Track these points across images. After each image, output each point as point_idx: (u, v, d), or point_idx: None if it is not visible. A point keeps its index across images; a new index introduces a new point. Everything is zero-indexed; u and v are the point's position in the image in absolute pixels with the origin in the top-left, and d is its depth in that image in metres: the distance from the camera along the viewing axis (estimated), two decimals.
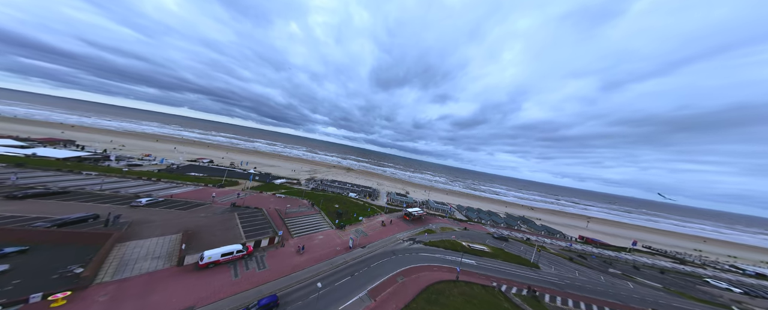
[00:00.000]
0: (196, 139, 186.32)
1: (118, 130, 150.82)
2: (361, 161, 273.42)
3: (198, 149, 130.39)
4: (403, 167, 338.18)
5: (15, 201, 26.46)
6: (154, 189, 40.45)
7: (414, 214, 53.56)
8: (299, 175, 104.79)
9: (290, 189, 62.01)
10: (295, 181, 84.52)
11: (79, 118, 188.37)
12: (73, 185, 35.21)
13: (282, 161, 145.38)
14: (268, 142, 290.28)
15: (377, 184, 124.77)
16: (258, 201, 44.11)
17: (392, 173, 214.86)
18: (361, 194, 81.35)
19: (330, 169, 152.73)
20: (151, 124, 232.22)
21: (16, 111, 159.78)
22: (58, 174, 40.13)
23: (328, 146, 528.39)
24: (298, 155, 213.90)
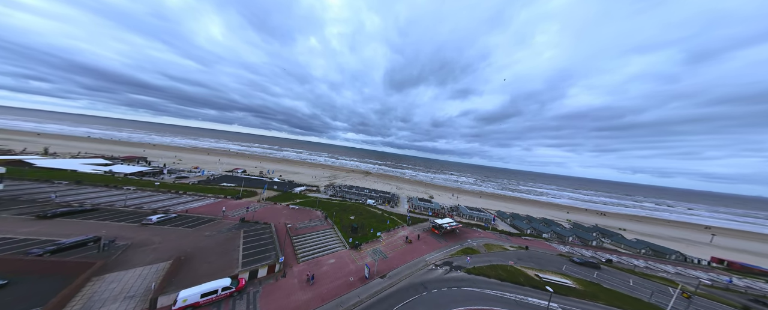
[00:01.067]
0: (238, 151, 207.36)
1: (183, 147, 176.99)
2: (378, 164, 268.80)
3: (237, 160, 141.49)
4: (424, 167, 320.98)
5: (42, 220, 26.71)
6: (175, 203, 40.20)
7: (445, 227, 42.60)
8: (319, 181, 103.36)
9: (306, 198, 58.74)
10: (315, 188, 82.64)
11: (161, 138, 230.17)
12: (106, 202, 36.16)
13: (305, 168, 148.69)
14: (296, 150, 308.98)
15: (396, 188, 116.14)
16: (270, 214, 41.04)
17: (412, 175, 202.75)
18: (379, 201, 74.19)
19: (349, 173, 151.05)
20: (208, 140, 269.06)
21: (121, 135, 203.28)
22: (102, 190, 42.46)
23: (347, 151, 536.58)
24: (321, 161, 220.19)
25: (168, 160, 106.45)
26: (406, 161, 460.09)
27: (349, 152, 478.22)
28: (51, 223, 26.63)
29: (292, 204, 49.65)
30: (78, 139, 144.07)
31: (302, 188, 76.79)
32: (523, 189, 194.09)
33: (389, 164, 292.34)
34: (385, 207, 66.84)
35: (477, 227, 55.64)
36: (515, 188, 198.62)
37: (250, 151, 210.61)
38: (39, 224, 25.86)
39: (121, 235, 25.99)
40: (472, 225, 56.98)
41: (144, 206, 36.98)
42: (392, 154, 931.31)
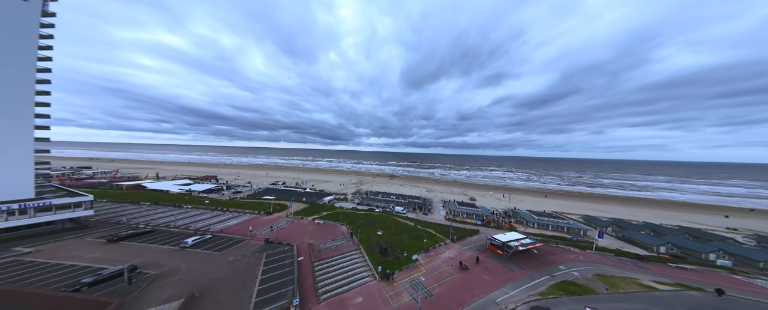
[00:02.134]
0: (282, 164, 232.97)
1: (244, 164, 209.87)
2: (403, 166, 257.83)
3: (280, 173, 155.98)
4: (455, 165, 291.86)
5: (109, 245, 29.23)
6: (217, 221, 41.82)
7: (514, 246, 28.92)
8: (347, 188, 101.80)
9: (332, 210, 55.91)
10: (343, 196, 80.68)
11: (230, 158, 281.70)
12: (165, 222, 39.79)
13: (334, 176, 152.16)
14: (327, 159, 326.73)
15: (427, 190, 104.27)
16: (295, 231, 38.76)
17: (442, 174, 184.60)
18: (408, 208, 65.65)
19: (374, 178, 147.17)
20: (261, 157, 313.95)
21: (205, 158, 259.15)
22: (169, 209, 47.72)
23: (371, 156, 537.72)
24: (348, 167, 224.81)
25: (230, 177, 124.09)
26: (432, 159, 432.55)
27: (372, 157, 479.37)
28: (114, 247, 29.18)
29: (318, 218, 47.16)
30: (182, 164, 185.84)
31: (331, 197, 75.44)
32: (610, 183, 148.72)
33: (415, 165, 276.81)
34: (416, 215, 58.03)
35: (560, 242, 38.29)
36: (594, 182, 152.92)
37: (291, 164, 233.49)
38: (104, 249, 28.49)
39: (158, 261, 26.39)
40: (553, 239, 40.12)
41: (192, 225, 39.35)
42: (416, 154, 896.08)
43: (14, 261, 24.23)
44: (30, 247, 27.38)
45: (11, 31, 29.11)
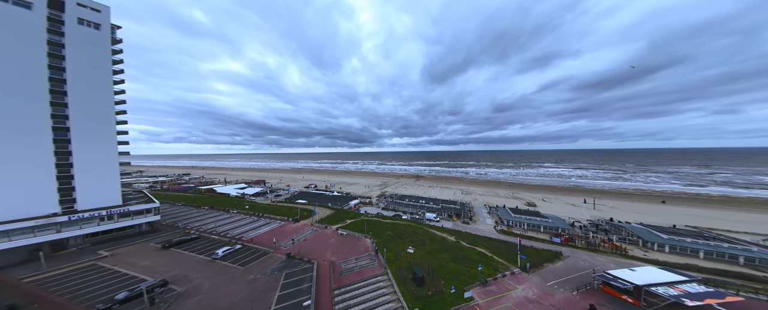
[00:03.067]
0: (315, 168, 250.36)
1: (286, 169, 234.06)
2: (429, 165, 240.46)
3: (313, 176, 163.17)
4: (494, 162, 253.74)
5: (161, 251, 31.60)
6: (252, 228, 42.73)
7: (668, 296, 15.76)
8: (372, 191, 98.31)
9: (356, 217, 52.39)
10: (368, 199, 77.46)
11: (275, 163, 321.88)
12: (211, 227, 42.68)
13: (360, 178, 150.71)
14: (353, 161, 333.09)
15: (463, 193, 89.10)
16: (318, 243, 36.17)
17: (479, 173, 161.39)
18: (442, 214, 55.17)
19: (398, 179, 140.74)
20: (300, 162, 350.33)
21: (259, 164, 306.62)
22: (219, 214, 51.83)
23: (394, 156, 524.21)
24: (372, 169, 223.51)
25: (275, 180, 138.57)
26: (464, 157, 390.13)
27: (395, 157, 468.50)
28: (164, 254, 31.37)
29: (342, 228, 44.15)
30: (244, 170, 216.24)
31: (356, 201, 72.70)
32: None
33: (443, 164, 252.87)
34: (454, 224, 48.09)
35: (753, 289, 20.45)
36: (752, 181, 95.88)
37: (323, 167, 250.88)
38: (156, 256, 30.76)
39: (188, 275, 26.59)
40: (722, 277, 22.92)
41: (231, 231, 41.11)
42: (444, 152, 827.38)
43: (90, 266, 28.06)
44: (108, 250, 32.16)
45: (90, 57, 34.43)
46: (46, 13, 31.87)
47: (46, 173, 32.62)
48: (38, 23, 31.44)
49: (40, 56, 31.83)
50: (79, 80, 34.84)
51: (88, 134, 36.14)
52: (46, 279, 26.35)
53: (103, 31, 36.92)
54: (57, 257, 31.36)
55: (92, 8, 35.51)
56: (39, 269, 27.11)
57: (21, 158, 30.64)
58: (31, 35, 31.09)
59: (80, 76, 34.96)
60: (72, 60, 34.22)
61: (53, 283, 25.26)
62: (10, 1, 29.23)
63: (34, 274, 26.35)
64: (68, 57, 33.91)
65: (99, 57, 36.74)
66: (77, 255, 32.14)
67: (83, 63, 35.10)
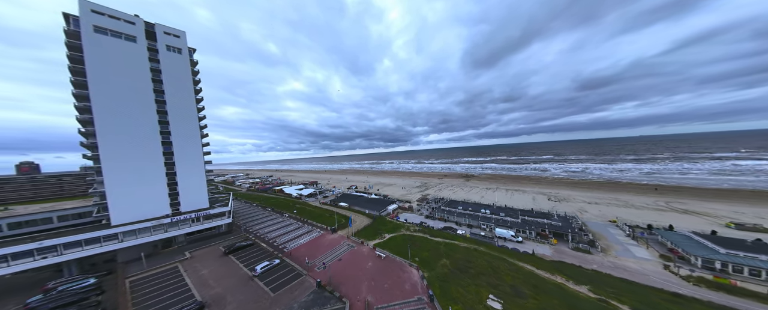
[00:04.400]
0: (356, 168, 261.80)
1: (334, 170, 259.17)
2: (481, 162, 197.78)
3: (354, 177, 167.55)
4: (590, 155, 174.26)
5: (222, 258, 33.01)
6: (293, 237, 41.49)
7: None
8: (410, 193, 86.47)
9: (396, 230, 43.56)
10: (407, 204, 67.15)
11: (326, 166, 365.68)
12: (267, 231, 44.49)
13: (397, 178, 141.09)
14: (389, 161, 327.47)
15: (551, 198, 61.45)
16: (352, 266, 30.00)
17: (568, 171, 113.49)
18: (524, 231, 37.66)
19: (441, 180, 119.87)
20: (344, 164, 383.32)
21: (314, 167, 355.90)
22: (275, 218, 54.08)
23: (432, 154, 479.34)
24: (408, 168, 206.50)
25: (324, 181, 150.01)
26: (530, 150, 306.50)
27: (434, 155, 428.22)
28: (222, 262, 32.40)
29: (380, 246, 36.03)
30: (304, 172, 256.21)
31: (394, 205, 64.05)
32: None
33: (501, 160, 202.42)
34: (555, 252, 31.22)
35: None
36: None
37: (363, 168, 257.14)
38: (216, 263, 32.09)
39: (225, 297, 25.08)
40: None
41: (277, 239, 41.06)
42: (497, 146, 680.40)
43: (170, 270, 31.30)
44: (191, 251, 36.56)
45: (178, 79, 39.22)
46: (146, 44, 36.71)
47: (161, 180, 37.73)
48: (142, 53, 36.54)
49: (148, 81, 36.94)
50: (173, 100, 39.31)
51: (183, 147, 40.68)
52: (139, 280, 28.00)
53: (184, 54, 40.76)
54: (162, 254, 34.73)
55: (174, 34, 39.51)
56: (141, 268, 28.94)
57: (145, 169, 36.51)
58: (140, 64, 36.33)
59: (173, 97, 39.42)
60: (167, 83, 38.76)
61: (140, 285, 27.85)
62: (123, 37, 34.38)
63: (136, 273, 28.06)
64: (164, 81, 38.44)
65: (184, 79, 40.85)
66: (172, 254, 35.42)
67: (174, 85, 39.46)
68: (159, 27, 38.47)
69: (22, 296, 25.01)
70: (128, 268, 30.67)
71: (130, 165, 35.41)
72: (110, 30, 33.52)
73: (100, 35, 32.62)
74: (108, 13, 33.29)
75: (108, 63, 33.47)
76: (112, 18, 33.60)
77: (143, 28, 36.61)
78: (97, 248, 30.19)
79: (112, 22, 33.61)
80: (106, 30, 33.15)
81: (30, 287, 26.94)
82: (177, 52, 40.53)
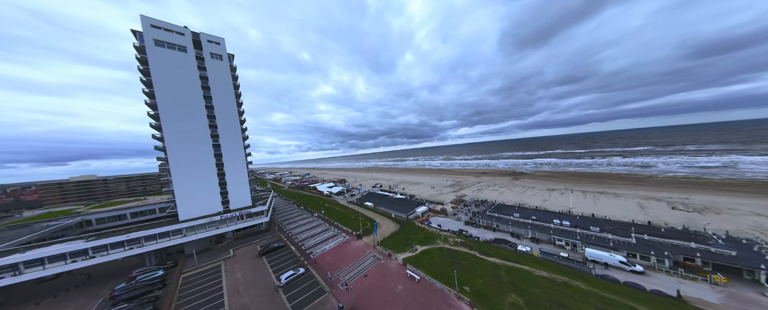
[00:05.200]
0: (381, 166, 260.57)
1: (359, 168, 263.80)
2: (531, 157, 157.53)
3: (379, 175, 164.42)
4: (744, 141, 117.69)
5: (256, 260, 32.93)
6: (320, 241, 39.43)
7: None
8: (442, 193, 75.50)
9: (429, 240, 35.92)
10: (439, 206, 58.13)
11: (352, 163, 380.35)
12: (298, 232, 44.01)
13: (424, 176, 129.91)
14: (413, 158, 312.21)
15: (690, 205, 41.70)
16: (379, 288, 24.74)
17: (698, 166, 75.51)
18: (650, 257, 24.89)
19: (479, 178, 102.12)
20: (370, 161, 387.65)
21: (342, 165, 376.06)
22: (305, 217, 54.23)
23: (464, 149, 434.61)
24: (436, 165, 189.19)
25: (351, 179, 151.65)
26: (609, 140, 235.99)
27: (466, 150, 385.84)
28: (256, 264, 31.86)
29: (411, 262, 29.57)
30: (334, 170, 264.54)
31: (423, 208, 56.02)
32: None
33: (565, 154, 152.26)
34: (726, 298, 18.00)
35: None
36: None
37: (386, 166, 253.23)
38: (250, 266, 31.68)
39: (249, 307, 23.24)
40: None
41: (306, 241, 39.66)
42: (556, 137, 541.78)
43: (213, 268, 32.31)
44: (235, 249, 38.11)
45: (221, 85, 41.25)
46: (194, 53, 38.71)
47: (214, 180, 40.37)
48: (192, 62, 38.73)
49: (198, 88, 39.24)
50: (219, 106, 41.10)
51: (229, 148, 42.59)
52: (189, 277, 29.46)
53: (224, 60, 41.95)
54: (214, 250, 36.28)
55: (215, 42, 40.74)
56: (193, 264, 29.91)
57: (202, 169, 39.47)
58: (192, 72, 38.67)
59: (219, 102, 41.23)
60: (213, 89, 40.58)
61: (187, 283, 28.62)
62: (176, 48, 36.69)
63: (189, 269, 28.95)
64: (211, 87, 40.26)
65: (226, 84, 42.20)
66: (220, 251, 36.31)
67: (219, 90, 41.12)
68: (203, 36, 40.57)
69: (120, 279, 29.46)
70: (187, 262, 32.95)
71: (191, 166, 38.77)
72: (166, 42, 36.47)
73: (159, 48, 35.76)
74: (163, 27, 36.15)
75: (168, 73, 36.67)
76: (167, 31, 36.46)
77: (191, 38, 39.00)
78: (166, 242, 33.34)
79: (167, 35, 36.48)
80: (163, 42, 36.17)
81: (126, 271, 31.41)
82: (219, 59, 42.40)
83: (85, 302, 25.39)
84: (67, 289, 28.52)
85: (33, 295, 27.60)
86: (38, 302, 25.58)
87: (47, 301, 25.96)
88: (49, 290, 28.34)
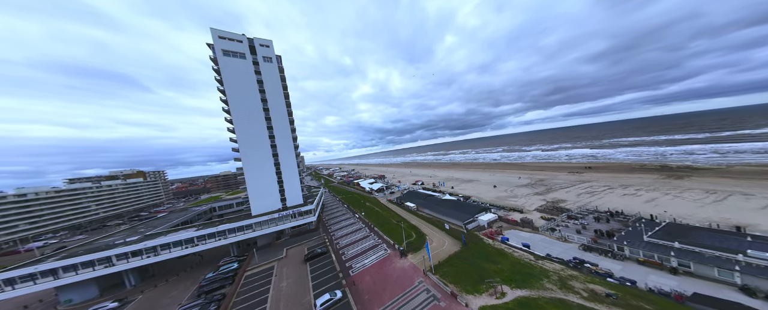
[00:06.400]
0: (420, 161, 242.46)
1: (397, 164, 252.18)
2: (693, 144, 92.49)
3: (419, 170, 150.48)
4: None
5: (300, 266, 30.55)
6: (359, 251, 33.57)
7: None
8: (515, 196, 53.52)
9: (531, 278, 21.52)
10: (517, 214, 39.52)
11: (390, 159, 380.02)
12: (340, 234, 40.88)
13: (478, 172, 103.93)
14: (460, 151, 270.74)
15: None
16: None
17: None
18: None
19: (579, 175, 66.74)
20: (408, 156, 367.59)
21: (381, 161, 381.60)
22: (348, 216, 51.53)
23: (533, 137, 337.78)
24: (495, 158, 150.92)
25: (390, 175, 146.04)
26: None
27: (537, 138, 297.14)
28: (299, 272, 29.14)
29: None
30: (373, 165, 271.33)
31: (490, 215, 39.81)
32: None
33: None
34: None
35: None
36: None
37: (427, 160, 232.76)
38: (294, 273, 29.09)
39: None
40: None
41: (346, 250, 34.73)
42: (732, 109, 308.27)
43: (266, 271, 30.08)
44: (288, 248, 36.46)
45: (273, 87, 42.15)
46: (251, 59, 40.65)
47: (274, 178, 42.81)
48: (251, 68, 40.87)
49: (257, 92, 41.34)
50: (273, 107, 42.45)
51: (283, 147, 43.86)
52: (249, 277, 30.06)
53: (274, 62, 42.46)
54: (274, 246, 37.86)
55: (265, 45, 41.48)
56: (253, 263, 30.36)
57: (265, 168, 41.57)
58: (251, 78, 40.95)
59: (272, 103, 42.50)
60: (268, 92, 41.93)
61: (246, 284, 27.89)
62: (238, 56, 39.24)
63: (252, 267, 29.96)
64: (266, 90, 41.71)
65: (277, 85, 42.95)
66: (276, 250, 37.12)
67: (272, 92, 42.24)
68: (256, 40, 42.47)
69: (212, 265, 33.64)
70: (252, 258, 33.58)
71: (257, 165, 42.04)
72: (231, 51, 39.87)
73: (227, 58, 39.49)
74: (228, 36, 39.53)
75: (236, 81, 39.84)
76: (230, 40, 39.74)
77: (247, 45, 41.41)
78: (243, 235, 35.39)
79: (231, 44, 39.79)
80: (229, 52, 39.70)
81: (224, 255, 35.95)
82: (269, 62, 43.80)
83: (190, 284, 29.15)
84: (192, 266, 34.68)
85: (169, 270, 34.23)
86: (168, 279, 31.37)
87: (173, 277, 31.92)
88: (180, 267, 34.97)
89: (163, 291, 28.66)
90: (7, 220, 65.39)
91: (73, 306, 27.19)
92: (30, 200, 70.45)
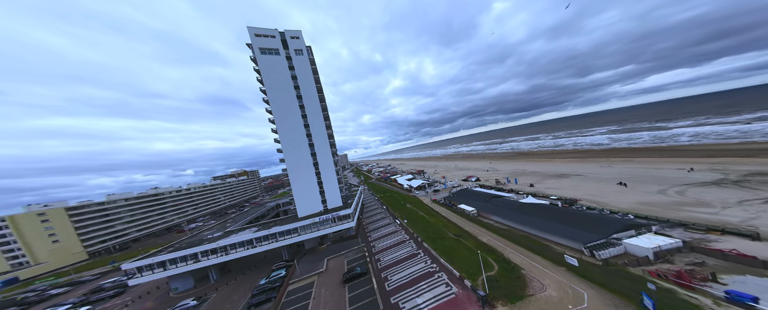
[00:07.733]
0: (466, 152, 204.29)
1: (438, 157, 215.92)
2: None
3: (468, 163, 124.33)
4: None
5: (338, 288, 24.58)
6: (409, 279, 23.59)
7: None
8: (707, 204, 25.94)
9: None
10: (739, 239, 16.12)
11: (428, 152, 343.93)
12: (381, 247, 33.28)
13: (571, 162, 69.45)
14: (526, 137, 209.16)
15: None
16: None
17: None
18: None
19: None
20: (448, 148, 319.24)
21: (418, 155, 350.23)
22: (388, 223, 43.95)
23: (670, 108, 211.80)
24: (602, 143, 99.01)
25: (430, 170, 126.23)
26: None
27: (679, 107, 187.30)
28: (337, 297, 23.09)
29: None
30: (409, 160, 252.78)
31: (655, 240, 18.93)
32: None
33: None
34: None
35: None
36: None
37: (476, 151, 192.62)
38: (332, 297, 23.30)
39: None
40: None
41: (390, 273, 25.98)
42: None
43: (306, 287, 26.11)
44: (328, 258, 32.06)
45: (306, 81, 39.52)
46: (284, 53, 38.10)
47: (314, 180, 40.57)
48: (285, 63, 38.58)
49: (292, 89, 39.06)
50: (307, 102, 39.22)
51: (320, 146, 40.74)
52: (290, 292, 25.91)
53: (305, 55, 38.42)
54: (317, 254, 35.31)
55: (296, 37, 37.85)
56: (295, 275, 27.62)
57: (306, 169, 40.02)
58: (286, 74, 38.75)
59: (306, 98, 39.24)
60: (302, 87, 38.93)
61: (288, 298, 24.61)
62: (273, 53, 37.43)
63: (294, 281, 27.53)
64: (300, 86, 38.75)
65: (309, 79, 39.12)
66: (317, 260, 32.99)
67: (306, 87, 38.99)
68: (287, 33, 39.61)
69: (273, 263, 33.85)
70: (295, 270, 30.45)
71: (298, 163, 40.08)
72: (267, 48, 38.55)
73: (265, 56, 38.59)
74: (262, 33, 38.24)
75: (273, 77, 37.92)
76: (265, 37, 38.23)
77: (280, 39, 39.20)
78: (288, 239, 34.20)
79: (266, 41, 38.20)
80: (265, 50, 38.52)
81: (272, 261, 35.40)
82: (300, 54, 40.39)
83: (250, 286, 28.61)
84: (261, 260, 35.71)
85: (244, 266, 35.75)
86: (236, 277, 32.57)
87: (247, 272, 33.27)
88: (252, 262, 35.85)
89: (232, 290, 29.15)
90: (179, 207, 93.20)
91: (179, 294, 30.57)
92: (192, 193, 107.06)
